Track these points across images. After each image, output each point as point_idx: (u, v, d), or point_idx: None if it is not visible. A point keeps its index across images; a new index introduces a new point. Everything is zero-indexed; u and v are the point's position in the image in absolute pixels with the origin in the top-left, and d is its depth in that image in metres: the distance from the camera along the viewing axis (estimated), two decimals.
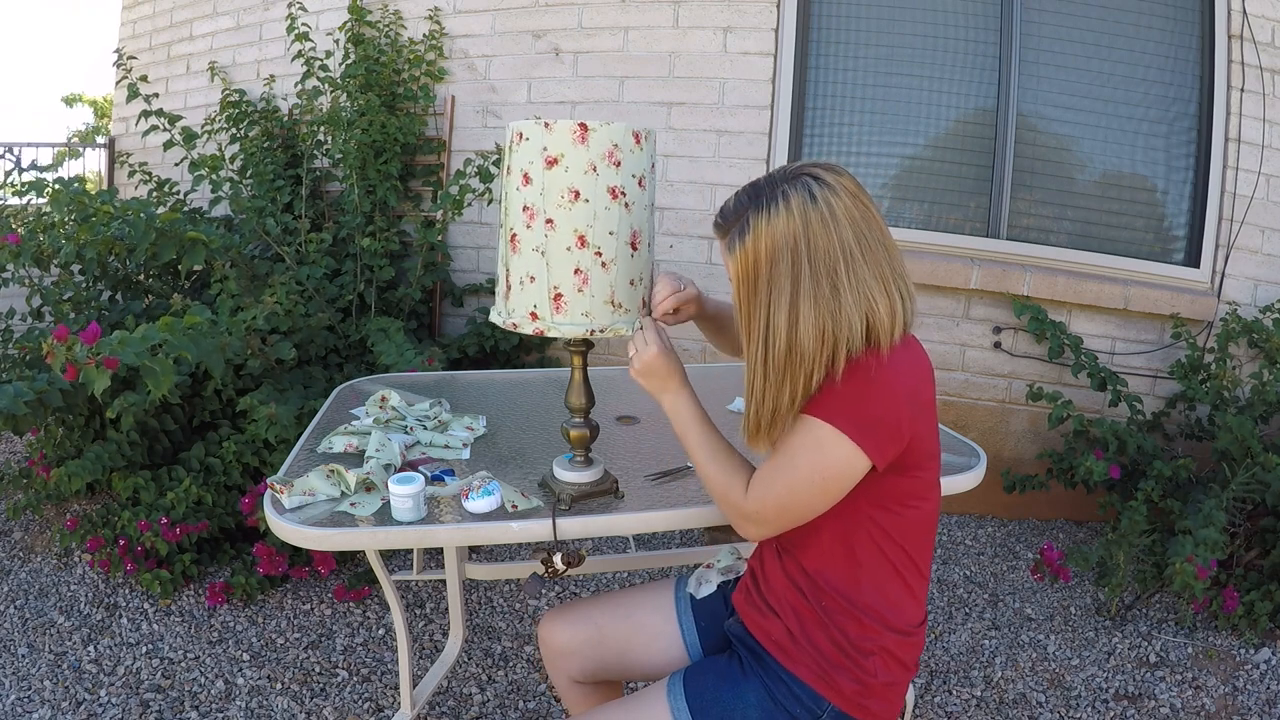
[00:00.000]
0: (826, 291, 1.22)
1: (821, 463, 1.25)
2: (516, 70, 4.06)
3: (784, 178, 1.26)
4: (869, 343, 1.24)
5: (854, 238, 1.23)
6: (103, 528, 2.96)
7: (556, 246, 1.41)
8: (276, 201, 3.84)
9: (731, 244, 1.29)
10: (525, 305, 1.45)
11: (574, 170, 1.39)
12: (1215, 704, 2.52)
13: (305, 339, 3.34)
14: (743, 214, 1.28)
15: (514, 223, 1.45)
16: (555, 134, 1.39)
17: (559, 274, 1.42)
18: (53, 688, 2.39)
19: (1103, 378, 3.46)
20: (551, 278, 1.42)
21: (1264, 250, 3.59)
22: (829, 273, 1.22)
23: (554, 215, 1.41)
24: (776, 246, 1.23)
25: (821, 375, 1.25)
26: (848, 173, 1.28)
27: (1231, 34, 3.50)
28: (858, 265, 1.23)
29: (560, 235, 1.41)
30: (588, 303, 1.43)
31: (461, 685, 2.49)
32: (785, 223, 1.23)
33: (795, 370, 1.25)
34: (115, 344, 2.31)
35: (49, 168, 3.35)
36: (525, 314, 1.46)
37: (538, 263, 1.43)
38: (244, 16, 4.81)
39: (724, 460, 1.39)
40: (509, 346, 3.91)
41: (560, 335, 1.45)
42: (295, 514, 1.51)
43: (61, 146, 6.20)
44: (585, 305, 1.43)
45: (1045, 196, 3.76)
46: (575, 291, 1.42)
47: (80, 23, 17.38)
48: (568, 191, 1.39)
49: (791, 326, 1.23)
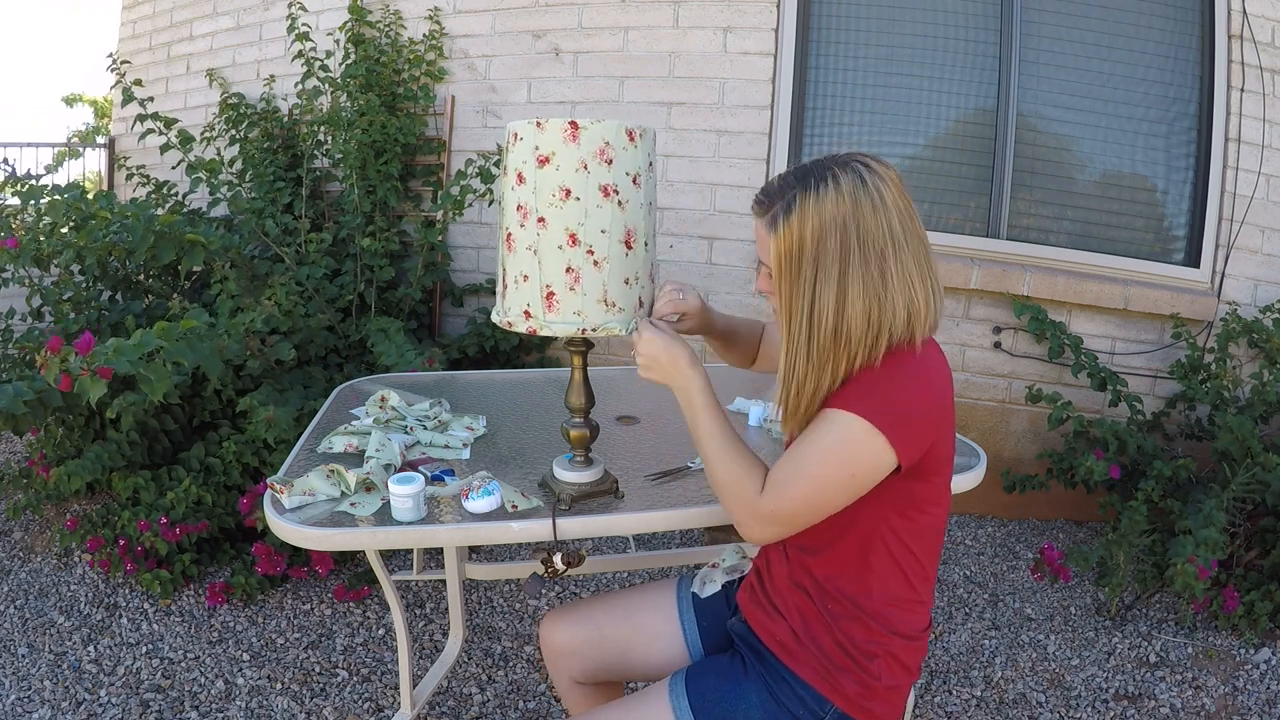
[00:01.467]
0: (875, 275, 1.21)
1: (851, 457, 1.22)
2: (516, 70, 4.06)
3: (833, 162, 1.25)
4: (910, 333, 1.24)
5: (900, 226, 1.23)
6: (103, 528, 2.96)
7: (548, 245, 1.41)
8: (276, 202, 3.84)
9: (774, 222, 1.26)
10: (520, 304, 1.45)
11: (565, 168, 1.38)
12: (1215, 704, 2.52)
13: (305, 339, 3.34)
14: (788, 192, 1.25)
15: (509, 222, 1.45)
16: (547, 133, 1.39)
17: (550, 272, 1.41)
18: (53, 688, 2.39)
19: (1103, 378, 3.46)
20: (544, 276, 1.42)
21: (1264, 250, 3.59)
22: (878, 257, 1.21)
23: (546, 214, 1.40)
24: (825, 226, 1.22)
25: (864, 359, 1.23)
26: (893, 166, 1.28)
27: (1231, 34, 3.50)
28: (903, 253, 1.22)
29: (552, 234, 1.40)
30: (580, 301, 1.42)
31: (461, 685, 2.49)
32: (835, 203, 1.22)
33: (840, 352, 1.23)
34: (110, 353, 2.30)
35: (49, 169, 3.35)
36: (520, 312, 1.45)
37: (530, 261, 1.42)
38: (244, 17, 4.81)
39: (737, 455, 1.33)
40: (509, 346, 3.91)
41: (552, 334, 1.44)
42: (295, 514, 1.51)
43: (62, 147, 6.19)
44: (577, 304, 1.42)
45: (1045, 196, 3.76)
46: (567, 290, 1.42)
47: (80, 22, 17.38)
48: (559, 190, 1.39)
49: (840, 307, 1.21)
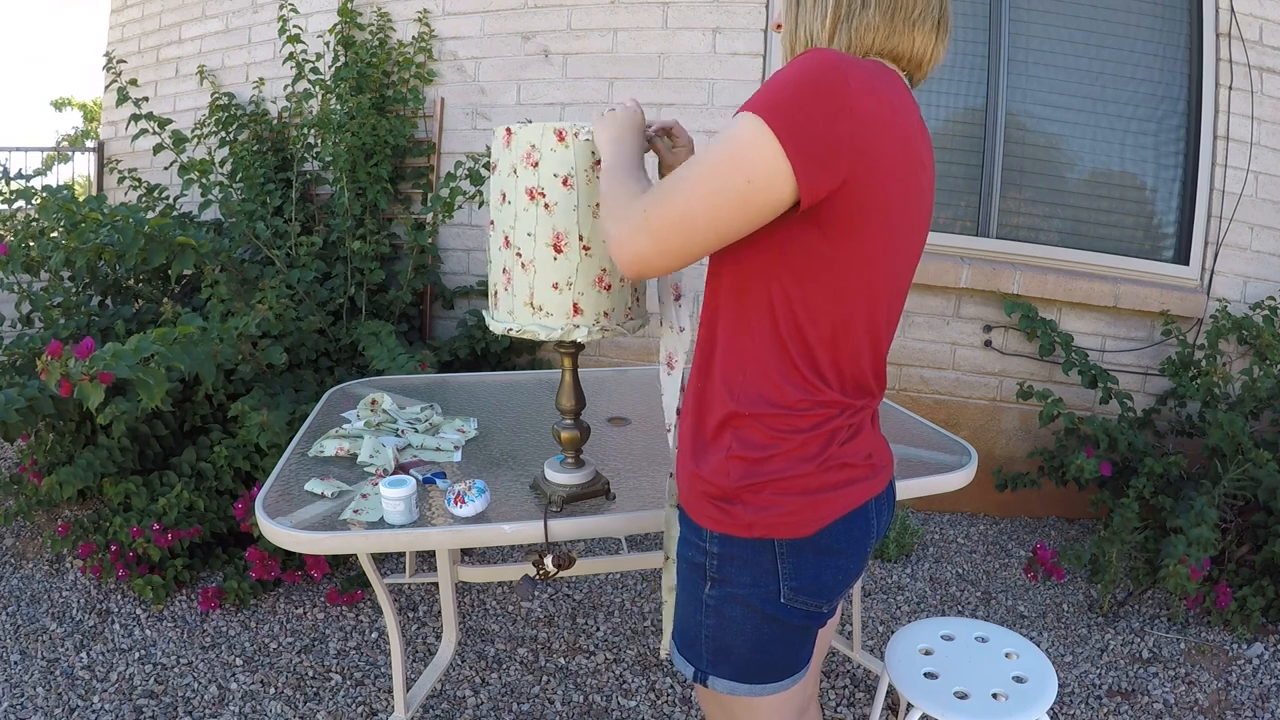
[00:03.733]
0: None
1: (739, 158, 1.07)
2: (506, 72, 4.06)
3: None
4: (867, 46, 1.19)
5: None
6: (94, 533, 2.94)
7: (492, 247, 1.49)
8: (266, 205, 3.83)
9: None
10: (487, 301, 1.53)
11: (502, 172, 1.45)
12: (1208, 699, 2.53)
13: (296, 343, 3.33)
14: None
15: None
16: (497, 139, 1.45)
17: (494, 273, 1.50)
18: (45, 694, 2.38)
19: (1093, 375, 3.47)
20: (491, 276, 1.50)
21: (1253, 247, 3.61)
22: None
23: (494, 217, 1.48)
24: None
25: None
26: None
27: (1220, 32, 3.52)
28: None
29: (495, 236, 1.48)
30: (512, 302, 1.48)
31: (455, 688, 2.49)
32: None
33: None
34: (109, 358, 2.31)
35: (38, 173, 3.34)
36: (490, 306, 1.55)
37: (491, 262, 1.52)
38: (233, 20, 4.80)
39: (631, 181, 1.20)
40: (500, 349, 3.90)
41: (492, 329, 1.51)
42: (288, 518, 1.51)
43: (50, 151, 6.17)
44: (510, 304, 1.48)
45: (1035, 195, 3.77)
46: (504, 290, 1.48)
47: (69, 25, 17.31)
48: (499, 193, 1.46)
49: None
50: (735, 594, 1.24)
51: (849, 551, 1.25)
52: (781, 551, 1.21)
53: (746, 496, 1.20)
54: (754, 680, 1.27)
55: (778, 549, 1.21)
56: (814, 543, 1.21)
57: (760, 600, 1.23)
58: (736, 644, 1.26)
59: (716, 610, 1.26)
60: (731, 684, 1.28)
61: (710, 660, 1.28)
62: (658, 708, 2.43)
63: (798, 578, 1.22)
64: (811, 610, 1.25)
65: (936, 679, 1.74)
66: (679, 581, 1.33)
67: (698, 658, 1.30)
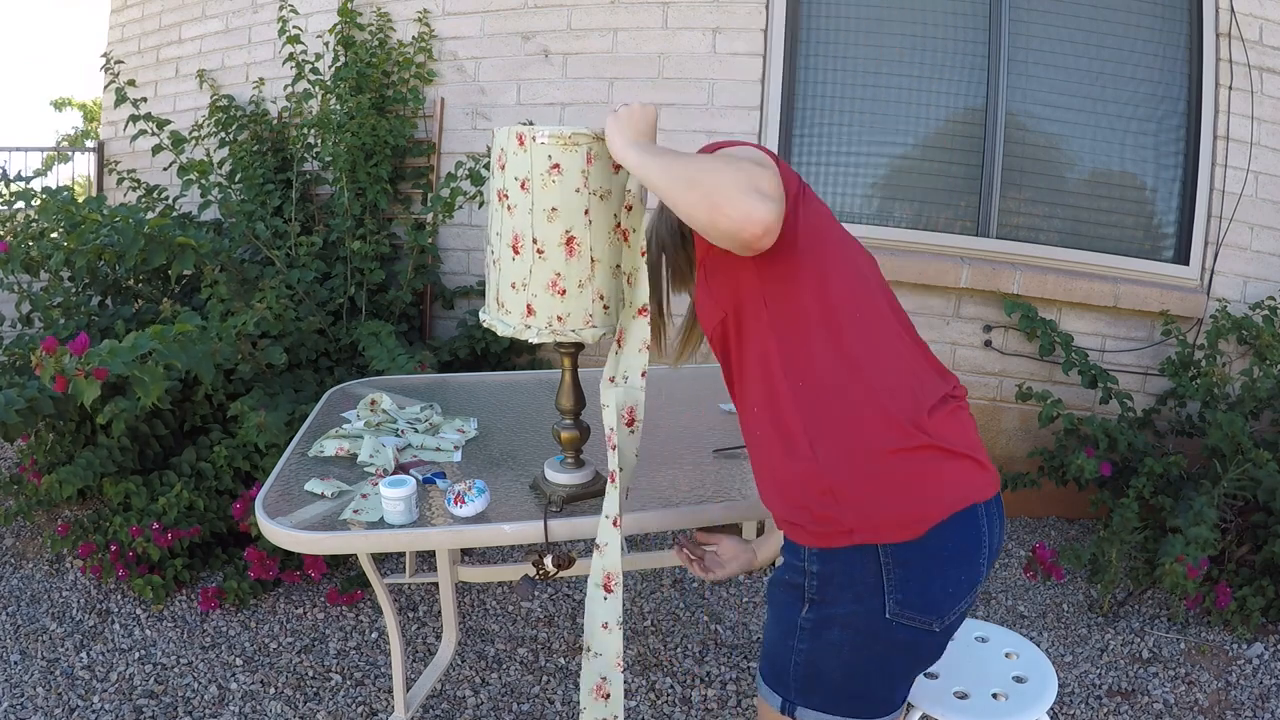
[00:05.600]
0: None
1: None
2: (506, 72, 4.05)
3: None
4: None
5: None
6: (94, 533, 2.94)
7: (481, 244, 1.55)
8: (266, 205, 3.83)
9: None
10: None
11: (494, 174, 1.48)
12: (1208, 699, 2.53)
13: (296, 343, 3.33)
14: None
15: None
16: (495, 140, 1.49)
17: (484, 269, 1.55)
18: (45, 694, 2.38)
19: (1093, 375, 3.47)
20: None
21: (1253, 247, 3.61)
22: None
23: (489, 217, 1.53)
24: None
25: None
26: None
27: (1220, 32, 3.52)
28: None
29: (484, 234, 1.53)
30: (490, 296, 1.53)
31: (455, 688, 2.49)
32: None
33: None
34: (105, 354, 2.30)
35: (38, 173, 3.34)
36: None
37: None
38: (233, 20, 4.80)
39: (683, 156, 1.20)
40: (500, 349, 3.90)
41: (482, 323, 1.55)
42: (288, 518, 1.51)
43: (50, 151, 6.17)
44: (489, 299, 1.53)
45: (1035, 195, 3.77)
46: (488, 285, 1.54)
47: (69, 25, 17.30)
48: (493, 194, 1.49)
49: None
50: (835, 615, 1.21)
51: (958, 559, 1.20)
52: (886, 561, 1.17)
53: (844, 492, 1.17)
54: (845, 713, 1.23)
55: (882, 558, 1.17)
56: (920, 547, 1.17)
57: (863, 618, 1.19)
58: (830, 669, 1.22)
59: (812, 633, 1.22)
60: (821, 716, 1.24)
61: (799, 689, 1.24)
62: (658, 708, 2.43)
63: (904, 589, 1.17)
64: (919, 628, 1.20)
65: (936, 679, 1.73)
66: (770, 610, 1.30)
67: (784, 687, 1.26)
